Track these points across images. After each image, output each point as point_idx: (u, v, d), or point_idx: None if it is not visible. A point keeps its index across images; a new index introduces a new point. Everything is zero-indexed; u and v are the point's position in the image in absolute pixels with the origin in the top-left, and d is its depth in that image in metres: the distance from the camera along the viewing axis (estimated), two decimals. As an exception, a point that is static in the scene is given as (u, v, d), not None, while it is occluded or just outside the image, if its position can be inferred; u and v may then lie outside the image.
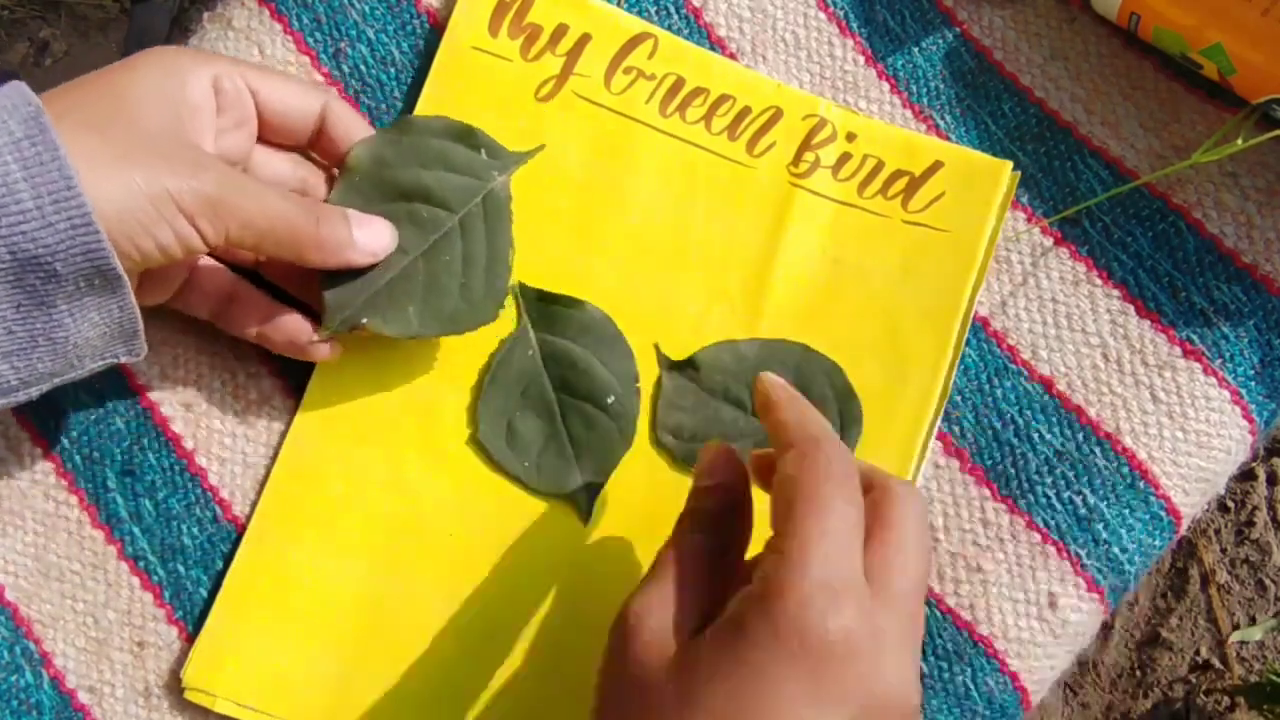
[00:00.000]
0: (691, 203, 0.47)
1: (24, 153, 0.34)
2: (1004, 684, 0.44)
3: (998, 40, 0.49)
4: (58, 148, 0.34)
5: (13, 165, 0.34)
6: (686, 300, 0.46)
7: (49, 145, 0.34)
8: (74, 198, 0.34)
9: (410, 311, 0.43)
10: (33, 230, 0.34)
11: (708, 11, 0.49)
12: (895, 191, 0.47)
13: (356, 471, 0.45)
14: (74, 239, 0.34)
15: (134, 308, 0.38)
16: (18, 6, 1.31)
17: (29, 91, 0.35)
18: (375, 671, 0.44)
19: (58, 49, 1.30)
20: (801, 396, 0.37)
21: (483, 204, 0.44)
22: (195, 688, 0.43)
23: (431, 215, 0.44)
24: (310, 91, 0.44)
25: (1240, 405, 0.45)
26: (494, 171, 0.45)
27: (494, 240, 0.44)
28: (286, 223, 0.40)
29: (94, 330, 0.37)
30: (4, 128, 0.34)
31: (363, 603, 0.44)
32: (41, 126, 0.34)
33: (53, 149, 0.34)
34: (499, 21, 0.48)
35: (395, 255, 0.43)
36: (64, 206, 0.34)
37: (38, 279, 0.35)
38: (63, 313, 0.36)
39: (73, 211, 0.34)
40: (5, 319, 0.35)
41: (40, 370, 0.37)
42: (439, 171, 0.44)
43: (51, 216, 0.34)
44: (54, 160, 0.34)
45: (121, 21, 1.30)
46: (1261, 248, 0.46)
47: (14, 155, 0.34)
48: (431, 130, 0.45)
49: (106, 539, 0.45)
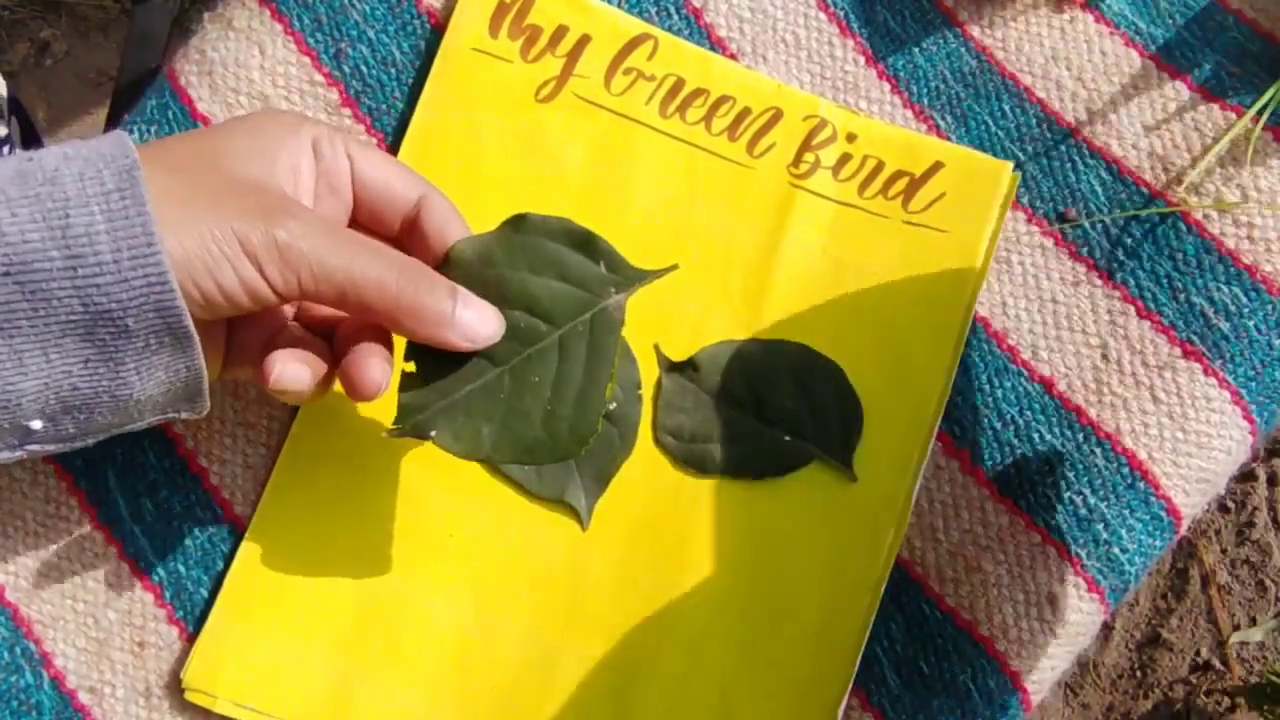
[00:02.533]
0: (692, 203, 0.47)
1: (111, 205, 0.33)
2: (1005, 684, 0.44)
3: (998, 40, 0.49)
4: (144, 202, 0.33)
5: (98, 216, 0.33)
6: (687, 301, 0.46)
7: (136, 200, 0.33)
8: (153, 255, 0.33)
9: (485, 432, 0.39)
10: (107, 284, 0.33)
11: (708, 12, 0.49)
12: (896, 192, 0.47)
13: (357, 473, 0.45)
14: (148, 296, 0.33)
15: (201, 369, 0.36)
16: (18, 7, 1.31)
17: (129, 143, 0.35)
18: (375, 672, 0.44)
19: (58, 49, 1.30)
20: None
21: (590, 323, 0.40)
22: (195, 688, 0.43)
23: (530, 327, 0.39)
24: (411, 176, 0.42)
25: (1240, 406, 0.45)
26: (610, 288, 0.40)
27: (594, 366, 0.39)
28: (377, 281, 0.37)
29: (159, 389, 0.36)
30: (97, 178, 0.33)
31: (363, 604, 0.44)
32: (133, 180, 0.33)
33: (140, 204, 0.33)
34: (499, 23, 0.48)
35: (481, 364, 0.39)
36: (142, 262, 0.33)
37: (108, 334, 0.34)
38: (130, 370, 0.35)
39: (150, 268, 0.33)
40: (71, 374, 0.34)
41: (100, 423, 0.36)
42: (549, 279, 0.40)
43: (128, 272, 0.33)
44: (139, 215, 0.33)
45: (122, 22, 1.30)
46: (1262, 249, 0.46)
47: (100, 206, 0.33)
48: (549, 232, 0.40)
49: (107, 539, 0.45)
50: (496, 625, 0.44)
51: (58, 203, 0.33)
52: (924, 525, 0.45)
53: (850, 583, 0.44)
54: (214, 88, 0.48)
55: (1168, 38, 0.49)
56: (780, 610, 0.44)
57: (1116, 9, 0.49)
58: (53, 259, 0.32)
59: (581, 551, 0.45)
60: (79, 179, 0.33)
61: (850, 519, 0.44)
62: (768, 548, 0.44)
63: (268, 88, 0.48)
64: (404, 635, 0.44)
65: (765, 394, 0.45)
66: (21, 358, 0.33)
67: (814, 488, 0.45)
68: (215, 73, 0.48)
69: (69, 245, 0.32)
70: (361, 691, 0.44)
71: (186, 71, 0.48)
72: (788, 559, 0.44)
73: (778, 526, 0.45)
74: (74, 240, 0.33)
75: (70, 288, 0.33)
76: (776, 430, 0.45)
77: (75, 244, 0.33)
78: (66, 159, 0.34)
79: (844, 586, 0.44)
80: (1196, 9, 0.49)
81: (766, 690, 0.44)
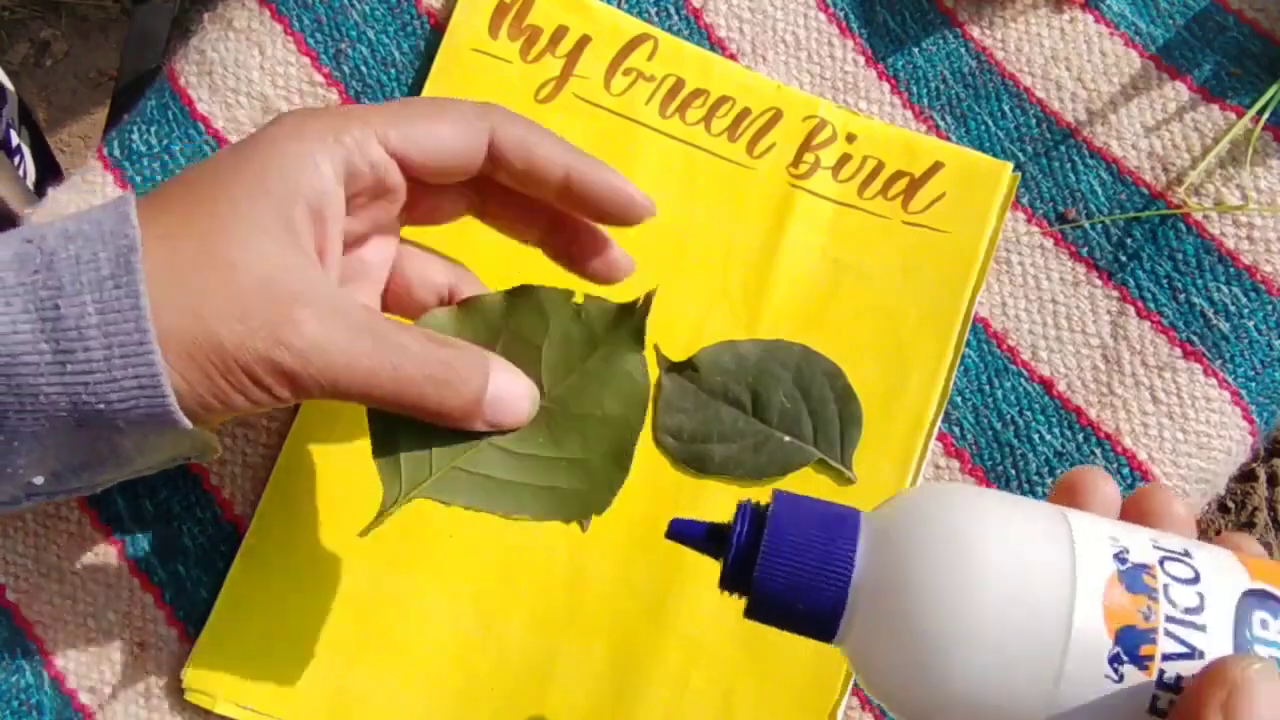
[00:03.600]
0: (691, 204, 0.47)
1: (104, 295, 0.30)
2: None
3: (998, 41, 0.49)
4: (139, 295, 0.30)
5: (90, 309, 0.30)
6: (686, 301, 0.46)
7: (130, 290, 0.30)
8: (145, 354, 0.30)
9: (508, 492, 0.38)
10: (96, 383, 0.30)
11: (708, 12, 0.49)
12: (895, 192, 0.47)
13: (356, 473, 0.45)
14: (139, 400, 0.31)
15: (207, 440, 0.35)
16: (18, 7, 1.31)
17: (131, 216, 0.31)
18: (375, 672, 0.44)
19: (58, 49, 1.30)
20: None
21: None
22: (196, 689, 0.43)
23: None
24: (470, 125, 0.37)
25: (1240, 406, 0.45)
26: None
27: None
28: (396, 388, 0.34)
29: (161, 456, 0.35)
30: (93, 262, 0.30)
31: (362, 604, 0.44)
32: (129, 268, 0.30)
33: (134, 295, 0.30)
34: (499, 23, 0.48)
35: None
36: (133, 362, 0.31)
37: (101, 427, 0.32)
38: (128, 448, 0.33)
39: (141, 369, 0.31)
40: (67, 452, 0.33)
41: (104, 479, 0.35)
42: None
43: (118, 371, 0.30)
44: (133, 309, 0.30)
45: (122, 22, 1.30)
46: (1262, 249, 0.46)
47: (93, 296, 0.30)
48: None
49: (107, 540, 0.45)
50: (497, 625, 0.44)
51: (50, 292, 0.30)
52: (924, 525, 0.45)
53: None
54: (214, 88, 0.48)
55: (1168, 38, 0.49)
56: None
57: (1116, 9, 0.49)
58: (42, 353, 0.30)
59: (582, 552, 0.45)
60: (74, 263, 0.30)
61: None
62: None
63: (267, 88, 0.48)
64: (404, 635, 0.44)
65: (765, 394, 0.45)
66: (13, 444, 0.31)
67: (814, 488, 0.45)
68: (215, 73, 0.48)
69: (58, 340, 0.30)
70: (361, 691, 0.44)
71: (186, 72, 0.48)
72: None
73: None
74: (64, 334, 0.30)
75: (59, 385, 0.30)
76: (776, 430, 0.45)
77: (65, 338, 0.30)
78: (67, 239, 0.31)
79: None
80: (1196, 9, 0.49)
81: (767, 690, 0.44)
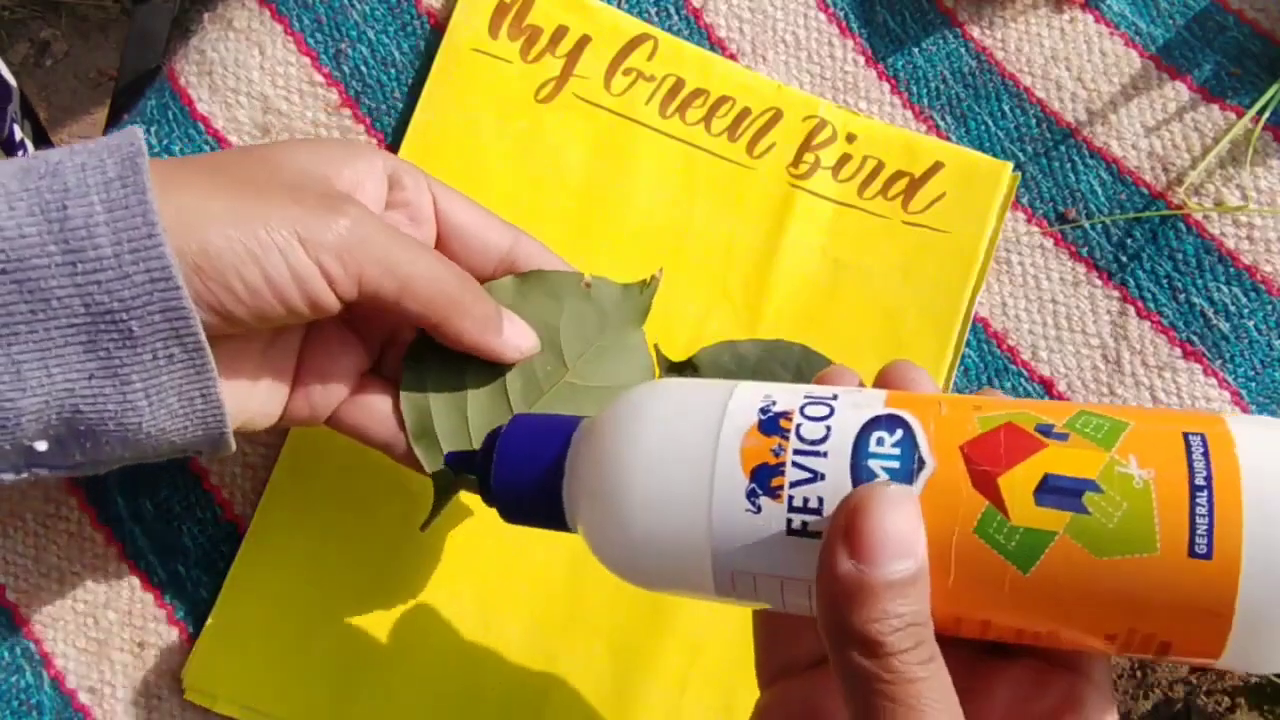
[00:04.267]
0: (691, 204, 0.47)
1: (111, 194, 0.31)
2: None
3: (998, 40, 0.49)
4: (145, 189, 0.31)
5: (98, 207, 0.31)
6: (687, 301, 0.46)
7: (138, 188, 0.31)
8: (155, 247, 0.31)
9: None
10: (108, 280, 0.31)
11: (708, 13, 0.49)
12: (895, 192, 0.47)
13: (356, 473, 0.45)
14: (151, 293, 0.31)
15: (218, 398, 0.34)
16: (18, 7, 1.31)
17: (138, 134, 0.32)
18: (375, 672, 0.44)
19: (58, 49, 1.30)
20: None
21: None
22: (196, 688, 0.43)
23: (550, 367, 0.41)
24: (498, 223, 0.40)
25: (1240, 406, 0.45)
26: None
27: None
28: (437, 281, 0.36)
29: (170, 419, 0.33)
30: (99, 167, 0.31)
31: (363, 604, 0.44)
32: (135, 168, 0.31)
33: (140, 191, 0.31)
34: (499, 23, 0.48)
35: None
36: (143, 255, 0.31)
37: (112, 341, 0.31)
38: (137, 391, 0.32)
39: (152, 261, 0.31)
40: (74, 391, 0.32)
41: (109, 454, 0.34)
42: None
43: (129, 266, 0.31)
44: (140, 204, 0.31)
45: (122, 22, 1.30)
46: (1262, 249, 0.46)
47: (100, 196, 0.31)
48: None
49: (107, 539, 0.45)
50: (497, 625, 0.44)
51: (56, 194, 0.30)
52: (924, 525, 0.45)
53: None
54: (214, 88, 0.48)
55: (1168, 38, 0.49)
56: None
57: (1116, 9, 0.49)
58: (51, 254, 0.30)
59: (583, 551, 0.45)
60: (80, 170, 0.31)
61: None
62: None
63: (267, 88, 0.48)
64: (404, 635, 0.44)
65: None
66: (20, 369, 0.31)
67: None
68: (215, 73, 0.48)
69: (67, 239, 0.30)
70: (362, 691, 0.44)
71: (186, 72, 0.48)
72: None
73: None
74: (72, 234, 0.30)
75: (70, 285, 0.30)
76: None
77: (74, 237, 0.30)
78: (72, 152, 0.31)
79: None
80: (1197, 9, 0.49)
81: (766, 690, 0.44)
